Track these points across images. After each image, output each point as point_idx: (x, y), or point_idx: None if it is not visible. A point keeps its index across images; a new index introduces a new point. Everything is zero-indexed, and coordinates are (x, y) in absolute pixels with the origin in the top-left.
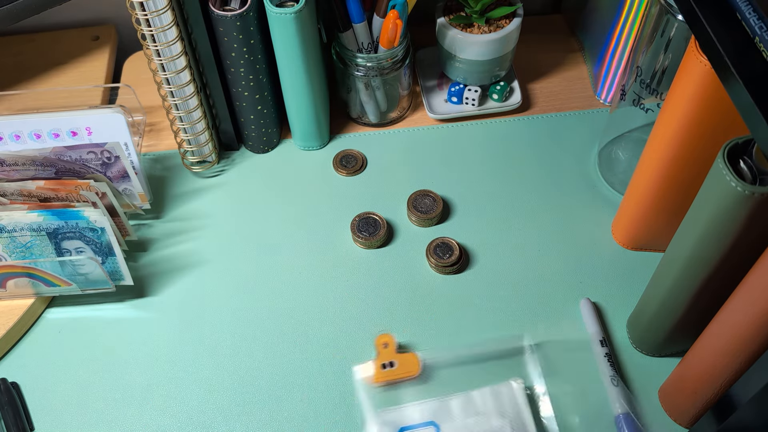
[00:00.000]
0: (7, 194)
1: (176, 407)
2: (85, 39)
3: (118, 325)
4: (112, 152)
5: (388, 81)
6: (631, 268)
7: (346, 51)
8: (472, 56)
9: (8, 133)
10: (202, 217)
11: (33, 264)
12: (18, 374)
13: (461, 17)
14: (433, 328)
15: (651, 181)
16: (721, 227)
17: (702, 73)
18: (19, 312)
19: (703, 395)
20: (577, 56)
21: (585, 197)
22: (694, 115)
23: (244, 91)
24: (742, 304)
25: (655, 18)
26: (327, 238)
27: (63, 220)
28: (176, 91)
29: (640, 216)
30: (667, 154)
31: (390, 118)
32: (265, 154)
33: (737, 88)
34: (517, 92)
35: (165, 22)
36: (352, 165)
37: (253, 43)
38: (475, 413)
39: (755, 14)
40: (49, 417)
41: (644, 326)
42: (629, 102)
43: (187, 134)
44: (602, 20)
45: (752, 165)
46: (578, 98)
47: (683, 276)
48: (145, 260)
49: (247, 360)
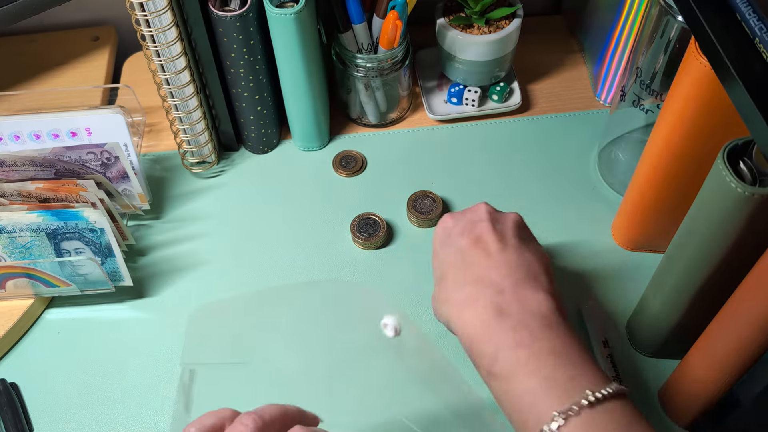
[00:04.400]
0: (7, 195)
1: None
2: (85, 39)
3: (118, 326)
4: (112, 153)
5: (388, 82)
6: (631, 269)
7: (345, 51)
8: (471, 57)
9: (8, 133)
10: (202, 217)
11: (32, 264)
12: (17, 375)
13: (461, 18)
14: (436, 327)
15: (651, 182)
16: (720, 228)
17: (702, 74)
18: (18, 313)
19: (703, 396)
20: (577, 57)
21: (585, 198)
22: (693, 116)
23: (243, 92)
24: (742, 305)
25: (655, 19)
26: (326, 238)
27: (62, 220)
28: (176, 91)
29: (640, 217)
30: (666, 155)
31: (390, 119)
32: (264, 155)
33: (737, 89)
34: (516, 93)
35: (165, 22)
36: (352, 166)
37: (253, 43)
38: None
39: (755, 15)
40: (49, 417)
41: (644, 327)
42: (629, 103)
43: (187, 135)
44: (602, 21)
45: (752, 166)
46: (578, 99)
47: (683, 277)
48: (145, 261)
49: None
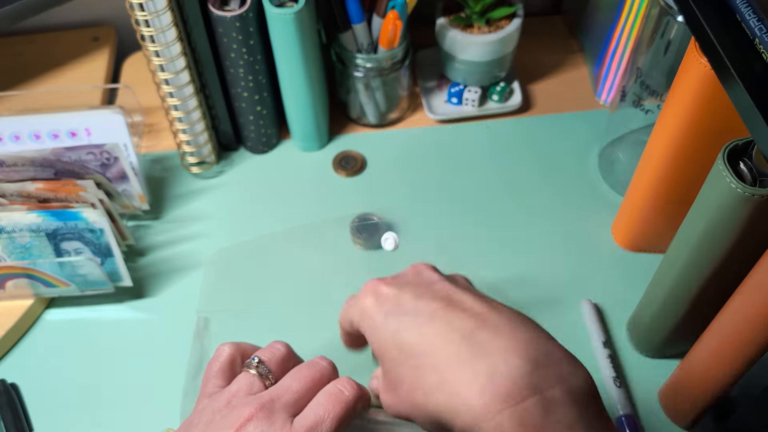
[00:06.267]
0: (6, 195)
1: (175, 408)
2: (85, 40)
3: (117, 326)
4: (111, 153)
5: (388, 82)
6: (632, 270)
7: (345, 51)
8: (472, 57)
9: (7, 133)
10: (201, 217)
11: (32, 265)
12: (17, 375)
13: (461, 18)
14: None
15: (651, 182)
16: (721, 229)
17: (702, 74)
18: (18, 313)
19: (704, 396)
20: (577, 57)
21: (585, 198)
22: (694, 116)
23: (243, 92)
24: (742, 306)
25: (655, 19)
26: (326, 239)
27: (62, 220)
28: (175, 91)
29: (641, 217)
30: (667, 155)
31: (390, 119)
32: (264, 155)
33: (737, 89)
34: (517, 93)
35: (164, 22)
36: (352, 166)
37: (253, 43)
38: None
39: (755, 16)
40: (49, 418)
41: (644, 328)
42: (629, 103)
43: (187, 135)
44: (602, 21)
45: (752, 166)
46: (578, 99)
47: (683, 277)
48: (144, 261)
49: None
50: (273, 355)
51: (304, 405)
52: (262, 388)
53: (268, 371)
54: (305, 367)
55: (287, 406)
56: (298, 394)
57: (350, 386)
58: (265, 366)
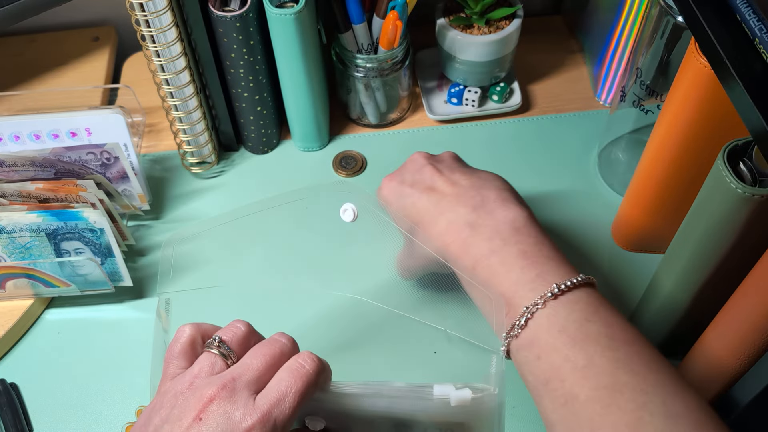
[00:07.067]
0: (7, 195)
1: None
2: (85, 40)
3: (118, 326)
4: (112, 153)
5: (388, 82)
6: (631, 269)
7: (345, 52)
8: (471, 57)
9: (8, 133)
10: (202, 217)
11: (32, 265)
12: (17, 375)
13: (461, 18)
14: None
15: (651, 182)
16: (720, 229)
17: (702, 74)
18: (18, 313)
19: (703, 396)
20: (577, 57)
21: (585, 198)
22: (693, 116)
23: (243, 92)
24: (741, 306)
25: (655, 19)
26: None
27: (62, 220)
28: (176, 91)
29: (640, 217)
30: (667, 155)
31: (390, 119)
32: (264, 155)
33: (737, 89)
34: (517, 93)
35: (165, 23)
36: (352, 166)
37: (253, 44)
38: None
39: (755, 16)
40: (49, 418)
41: (644, 328)
42: (629, 103)
43: (187, 135)
44: (602, 21)
45: (752, 167)
46: (578, 99)
47: (683, 278)
48: (145, 261)
49: None
50: (234, 334)
51: (266, 382)
52: (224, 367)
53: (229, 350)
54: (266, 344)
55: (249, 384)
56: (260, 372)
57: (311, 360)
58: (227, 345)
